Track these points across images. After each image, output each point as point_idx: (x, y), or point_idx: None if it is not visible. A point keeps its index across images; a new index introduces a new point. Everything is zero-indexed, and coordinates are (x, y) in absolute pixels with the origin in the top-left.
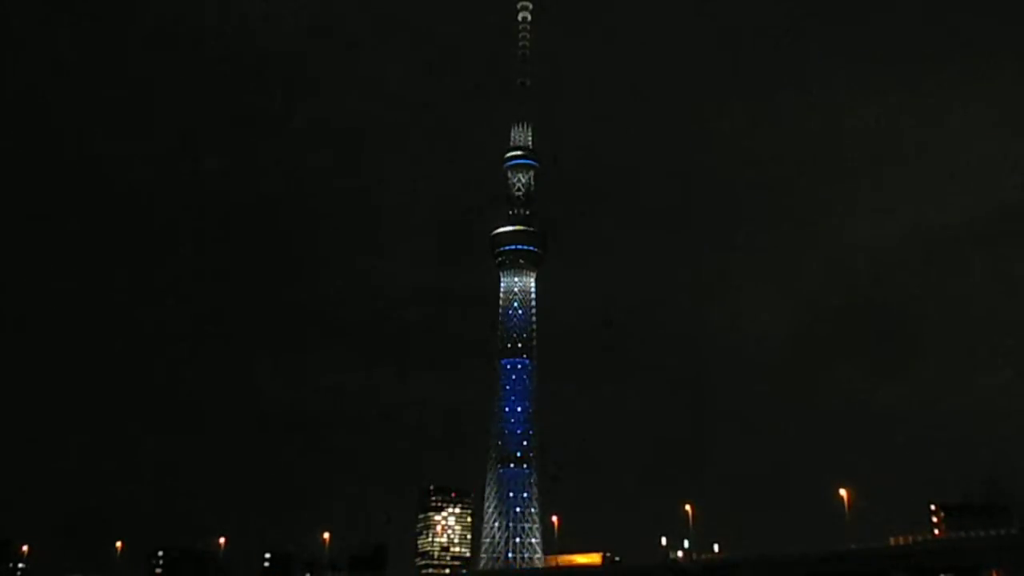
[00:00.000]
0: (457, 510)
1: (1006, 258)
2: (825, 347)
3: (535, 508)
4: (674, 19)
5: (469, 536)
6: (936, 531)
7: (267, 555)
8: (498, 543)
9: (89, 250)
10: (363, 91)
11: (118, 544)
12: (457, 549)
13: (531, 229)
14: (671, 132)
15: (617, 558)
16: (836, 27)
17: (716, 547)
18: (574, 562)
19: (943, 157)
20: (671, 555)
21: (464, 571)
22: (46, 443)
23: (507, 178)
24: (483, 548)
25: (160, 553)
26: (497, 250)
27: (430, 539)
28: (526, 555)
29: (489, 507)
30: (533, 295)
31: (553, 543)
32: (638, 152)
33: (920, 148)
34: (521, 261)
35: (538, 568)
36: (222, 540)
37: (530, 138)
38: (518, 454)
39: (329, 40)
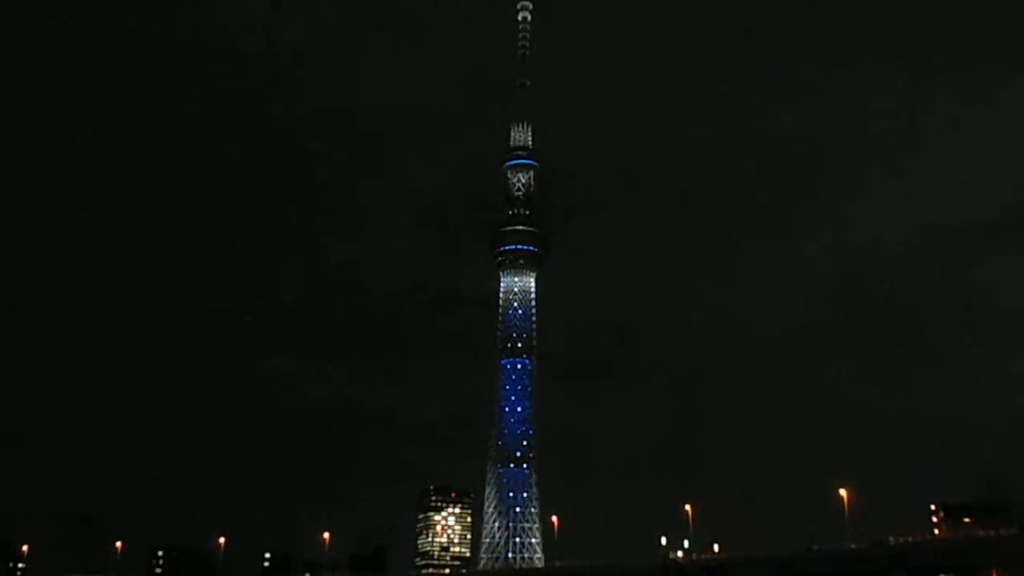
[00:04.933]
0: (457, 510)
1: (1010, 257)
2: (825, 347)
3: (535, 508)
4: (674, 18)
5: (469, 536)
6: (936, 531)
7: (267, 555)
8: (498, 543)
9: (86, 249)
10: (362, 90)
11: (118, 544)
12: (457, 549)
13: (531, 229)
14: (671, 131)
15: None
16: (839, 26)
17: (716, 547)
18: None
19: (947, 156)
20: (671, 555)
21: (464, 571)
22: (46, 443)
23: (507, 178)
24: (483, 548)
25: (160, 553)
26: (497, 250)
27: (430, 539)
28: (526, 555)
29: (489, 507)
30: (533, 295)
31: (553, 543)
32: (638, 151)
33: (925, 146)
34: (521, 261)
35: (538, 568)
36: (222, 540)
37: (530, 138)
38: (518, 454)
39: (328, 39)
